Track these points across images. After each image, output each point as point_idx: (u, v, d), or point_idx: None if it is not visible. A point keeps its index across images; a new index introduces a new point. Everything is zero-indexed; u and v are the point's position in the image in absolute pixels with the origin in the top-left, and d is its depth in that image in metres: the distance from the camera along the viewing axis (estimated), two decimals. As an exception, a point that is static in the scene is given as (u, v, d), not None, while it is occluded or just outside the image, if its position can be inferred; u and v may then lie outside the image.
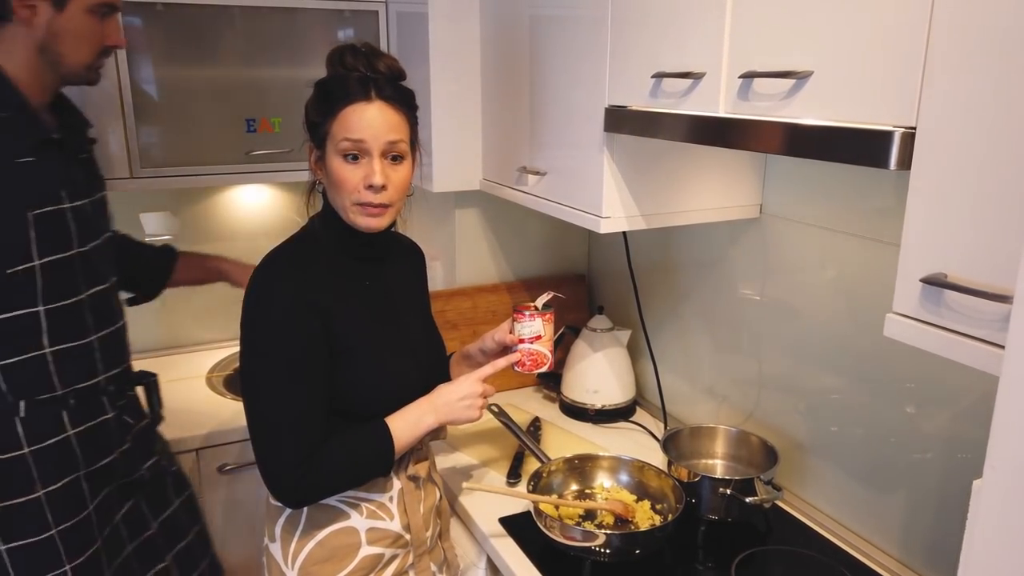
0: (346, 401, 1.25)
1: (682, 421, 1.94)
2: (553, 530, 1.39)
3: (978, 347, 0.82)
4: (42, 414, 1.34)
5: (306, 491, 1.22)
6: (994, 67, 0.78)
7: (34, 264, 1.28)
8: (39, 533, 1.34)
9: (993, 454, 0.59)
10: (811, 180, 1.51)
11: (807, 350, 1.55)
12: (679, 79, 1.22)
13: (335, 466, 1.22)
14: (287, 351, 1.19)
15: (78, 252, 1.35)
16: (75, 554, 1.37)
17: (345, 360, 1.23)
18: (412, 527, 1.34)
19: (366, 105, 1.20)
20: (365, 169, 1.21)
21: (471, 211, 2.14)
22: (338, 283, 1.26)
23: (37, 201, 1.28)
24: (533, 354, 1.45)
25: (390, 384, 1.30)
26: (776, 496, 1.48)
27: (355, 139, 1.19)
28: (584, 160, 1.52)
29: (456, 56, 1.85)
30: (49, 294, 1.31)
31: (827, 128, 0.97)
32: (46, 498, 1.34)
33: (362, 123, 1.20)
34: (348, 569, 1.28)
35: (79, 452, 1.39)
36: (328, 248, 1.28)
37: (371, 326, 1.29)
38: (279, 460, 1.19)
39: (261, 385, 1.20)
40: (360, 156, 1.21)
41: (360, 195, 1.21)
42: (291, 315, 1.19)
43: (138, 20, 1.85)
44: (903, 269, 0.90)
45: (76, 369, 1.38)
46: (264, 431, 1.20)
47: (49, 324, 1.32)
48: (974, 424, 1.25)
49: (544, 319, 1.45)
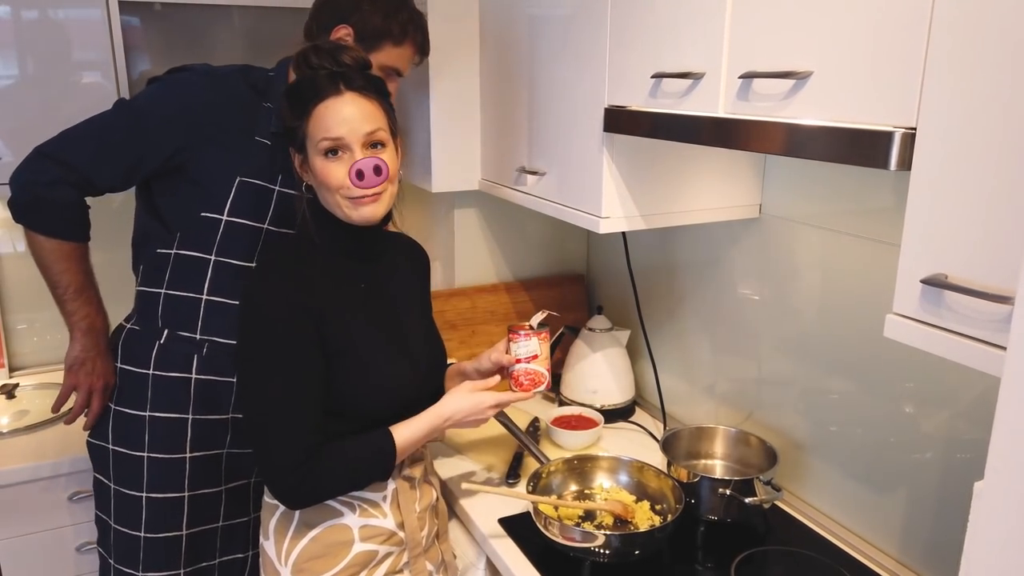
0: (340, 403, 1.25)
1: (681, 421, 1.94)
2: (552, 531, 1.39)
3: (978, 348, 0.82)
4: (177, 349, 1.51)
5: (306, 493, 1.22)
6: (995, 67, 0.78)
7: (221, 218, 1.46)
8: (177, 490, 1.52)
9: (994, 456, 0.58)
10: (811, 180, 1.51)
11: (806, 350, 1.55)
12: (679, 79, 1.21)
13: (335, 470, 1.22)
14: (282, 354, 1.19)
15: (267, 228, 1.49)
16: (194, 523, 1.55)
17: (338, 362, 1.23)
18: (406, 527, 1.33)
19: (337, 99, 1.19)
20: (348, 163, 1.20)
21: (470, 211, 2.14)
22: (331, 285, 1.26)
23: (251, 173, 1.46)
24: (530, 374, 1.46)
25: (384, 387, 1.29)
26: (775, 496, 1.48)
27: (334, 137, 1.19)
28: (583, 160, 1.51)
29: (455, 56, 1.85)
30: (223, 249, 1.47)
31: (827, 128, 0.96)
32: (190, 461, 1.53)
33: (338, 119, 1.19)
34: (341, 566, 1.28)
35: (193, 396, 1.51)
36: (322, 249, 1.28)
37: (365, 328, 1.28)
38: (278, 462, 1.19)
39: (257, 388, 1.20)
40: (342, 152, 1.20)
41: (349, 190, 1.21)
42: (285, 317, 1.19)
43: (136, 20, 1.85)
44: (903, 270, 0.90)
45: (219, 323, 1.50)
46: (262, 433, 1.21)
47: (213, 275, 1.48)
48: (973, 424, 1.25)
49: (540, 338, 1.46)
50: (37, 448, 1.74)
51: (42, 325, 2.16)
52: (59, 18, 1.77)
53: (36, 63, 1.77)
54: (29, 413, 1.91)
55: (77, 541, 1.76)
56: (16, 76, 1.77)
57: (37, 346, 2.18)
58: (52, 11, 1.76)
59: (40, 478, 1.70)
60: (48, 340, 2.17)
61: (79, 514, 1.75)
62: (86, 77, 1.82)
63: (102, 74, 1.83)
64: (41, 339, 2.17)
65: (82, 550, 1.76)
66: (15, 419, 1.88)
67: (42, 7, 1.75)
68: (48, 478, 1.70)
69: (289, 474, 1.19)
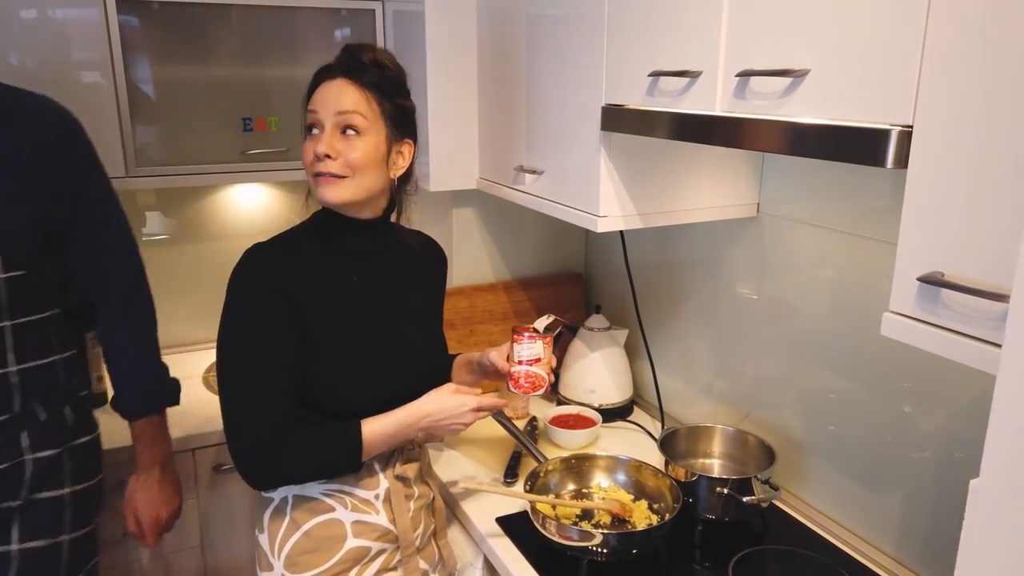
0: (317, 395, 1.25)
1: (679, 420, 1.94)
2: (550, 530, 1.39)
3: (975, 346, 0.82)
4: None
5: (267, 476, 1.24)
6: (991, 65, 0.78)
7: None
8: None
9: (990, 454, 0.58)
10: (808, 179, 1.51)
11: (804, 349, 1.55)
12: (676, 77, 1.21)
13: (299, 456, 1.23)
14: (253, 335, 1.21)
15: None
16: None
17: (317, 352, 1.24)
18: (398, 526, 1.33)
19: (330, 83, 1.25)
20: (318, 140, 1.24)
21: (468, 210, 2.14)
22: (317, 274, 1.26)
23: None
24: (531, 376, 1.45)
25: (363, 383, 1.28)
26: (773, 495, 1.48)
27: (312, 111, 1.24)
28: (581, 159, 1.51)
29: (453, 54, 1.85)
30: None
31: (824, 127, 0.96)
32: None
33: (319, 97, 1.25)
34: (333, 561, 1.28)
35: None
36: (316, 238, 1.29)
37: (350, 322, 1.28)
38: (242, 443, 1.21)
39: (228, 367, 1.23)
40: (318, 129, 1.24)
41: (315, 166, 1.23)
42: (259, 300, 1.21)
43: (134, 19, 1.85)
44: (900, 268, 0.90)
45: None
46: (230, 412, 1.23)
47: None
48: (970, 423, 1.25)
49: (544, 342, 1.45)
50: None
51: (40, 324, 2.16)
52: (57, 17, 1.77)
53: (34, 62, 1.77)
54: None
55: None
56: (14, 75, 1.76)
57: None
58: (50, 10, 1.75)
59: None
60: (46, 339, 2.17)
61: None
62: (84, 77, 1.82)
63: (100, 74, 1.82)
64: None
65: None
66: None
67: (40, 6, 1.74)
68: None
69: (252, 455, 1.20)
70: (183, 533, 1.86)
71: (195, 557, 1.90)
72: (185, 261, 2.28)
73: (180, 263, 2.28)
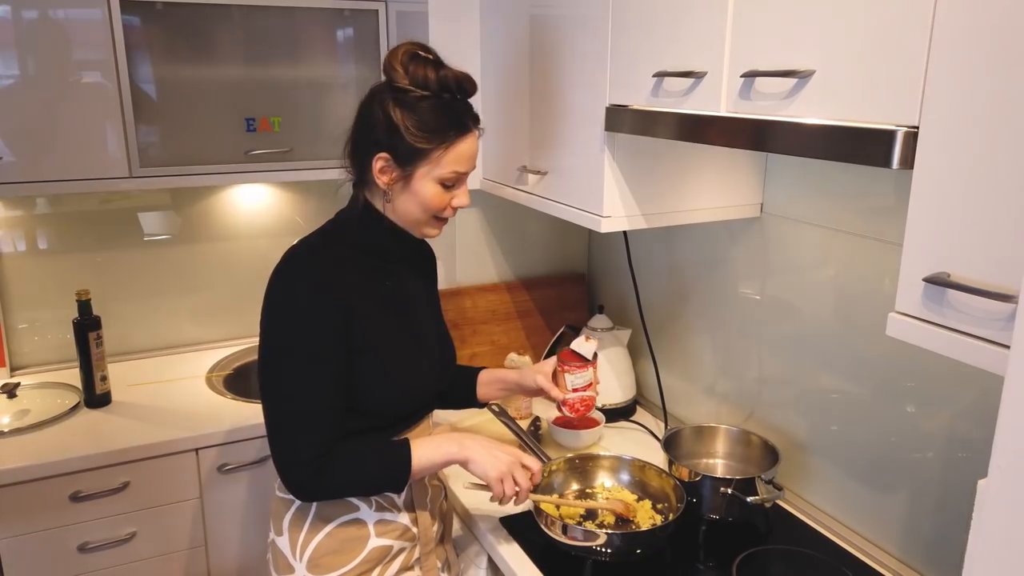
0: (360, 400, 1.25)
1: (683, 420, 1.94)
2: (554, 530, 1.39)
3: (982, 346, 0.82)
4: None
5: (316, 489, 1.23)
6: (997, 65, 0.78)
7: None
8: None
9: (998, 454, 0.58)
10: (812, 179, 1.51)
11: (808, 349, 1.55)
12: (680, 78, 1.21)
13: (348, 473, 1.23)
14: (309, 346, 1.19)
15: None
16: None
17: (362, 359, 1.23)
18: (420, 522, 1.34)
19: (472, 138, 1.26)
20: (453, 192, 1.27)
21: (471, 210, 2.14)
22: (362, 282, 1.26)
23: None
24: (585, 400, 1.54)
25: (405, 386, 1.30)
26: (777, 495, 1.48)
27: (463, 171, 1.26)
28: (585, 159, 1.51)
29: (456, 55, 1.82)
30: None
31: (829, 127, 0.96)
32: None
33: (468, 155, 1.26)
34: (357, 561, 1.28)
35: None
36: (358, 247, 1.28)
37: (390, 327, 1.29)
38: (294, 454, 1.20)
39: (281, 379, 1.20)
40: (458, 183, 1.27)
41: (444, 212, 1.28)
42: (315, 311, 1.19)
43: (137, 19, 1.85)
44: (906, 268, 0.90)
45: None
46: (281, 424, 1.21)
47: None
48: (974, 423, 1.25)
49: (594, 367, 1.53)
50: (37, 448, 1.74)
51: (43, 324, 2.16)
52: (60, 18, 1.77)
53: (37, 63, 1.77)
54: (30, 412, 1.90)
55: (77, 541, 1.76)
56: (17, 76, 1.77)
57: (38, 345, 2.17)
58: (53, 11, 1.76)
59: (40, 478, 1.70)
60: (49, 339, 2.17)
61: (79, 514, 1.75)
62: (87, 77, 1.82)
63: (103, 74, 1.82)
64: (42, 338, 2.17)
65: (82, 550, 1.76)
66: (16, 419, 1.88)
67: (43, 7, 1.74)
68: (48, 478, 1.70)
69: (303, 469, 1.20)
70: (186, 533, 1.86)
71: (198, 557, 1.90)
72: (188, 261, 2.28)
73: (183, 263, 2.28)
